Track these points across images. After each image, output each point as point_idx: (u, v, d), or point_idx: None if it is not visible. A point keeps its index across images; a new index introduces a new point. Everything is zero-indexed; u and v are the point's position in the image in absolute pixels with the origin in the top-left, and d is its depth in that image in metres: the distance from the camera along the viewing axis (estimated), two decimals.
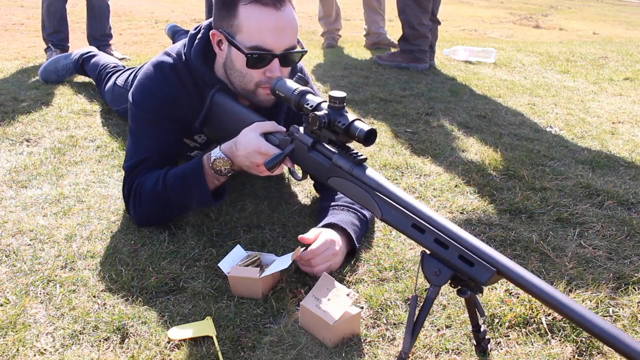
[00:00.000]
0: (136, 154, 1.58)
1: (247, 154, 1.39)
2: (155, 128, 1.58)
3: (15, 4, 6.80)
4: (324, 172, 1.25)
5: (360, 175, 1.16)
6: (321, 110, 1.20)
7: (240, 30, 1.47)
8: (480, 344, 1.16)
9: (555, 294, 0.87)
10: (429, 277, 1.00)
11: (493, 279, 0.93)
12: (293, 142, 1.33)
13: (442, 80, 3.58)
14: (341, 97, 1.17)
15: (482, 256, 0.94)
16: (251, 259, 1.39)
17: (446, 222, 1.01)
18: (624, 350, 0.79)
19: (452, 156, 2.24)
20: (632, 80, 3.96)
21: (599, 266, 1.50)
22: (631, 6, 13.17)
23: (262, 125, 1.42)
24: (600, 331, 0.81)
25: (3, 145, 2.15)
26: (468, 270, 0.95)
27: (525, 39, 6.37)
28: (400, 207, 1.08)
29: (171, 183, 1.49)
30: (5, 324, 1.19)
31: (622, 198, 1.90)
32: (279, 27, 1.45)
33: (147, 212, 1.56)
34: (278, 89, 1.33)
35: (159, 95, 1.57)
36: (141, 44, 4.78)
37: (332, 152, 1.23)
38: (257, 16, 1.44)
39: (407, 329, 0.98)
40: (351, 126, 1.14)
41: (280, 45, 1.47)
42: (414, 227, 1.04)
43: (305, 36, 5.70)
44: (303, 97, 1.27)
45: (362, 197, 1.15)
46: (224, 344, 1.16)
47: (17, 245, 1.49)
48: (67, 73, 3.00)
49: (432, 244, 1.01)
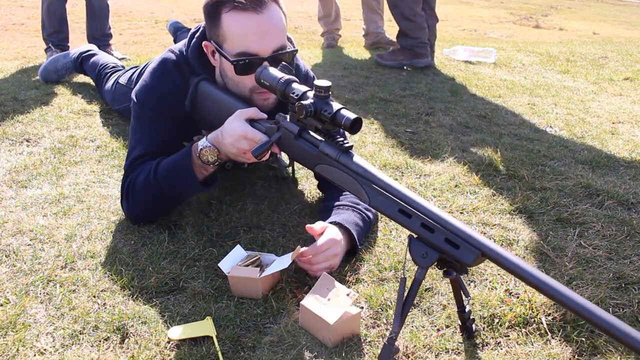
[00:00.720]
0: (136, 151, 1.59)
1: (234, 141, 1.39)
2: (156, 125, 1.59)
3: (15, 4, 6.80)
4: (311, 159, 1.27)
5: (347, 162, 1.18)
6: (307, 99, 1.21)
7: (225, 38, 1.48)
8: (465, 323, 1.20)
9: (538, 274, 0.89)
10: (417, 260, 1.03)
11: (477, 260, 0.97)
12: (279, 130, 1.33)
13: (442, 80, 3.58)
14: (326, 86, 1.19)
15: (467, 239, 0.98)
16: (251, 259, 1.39)
17: (432, 207, 1.04)
18: (611, 332, 0.81)
19: (452, 156, 2.24)
20: (632, 80, 3.96)
21: (599, 266, 1.50)
22: (631, 6, 13.17)
23: (245, 112, 1.42)
24: (580, 309, 0.84)
25: (3, 145, 2.15)
26: (454, 252, 0.99)
27: (525, 39, 6.37)
28: (387, 193, 1.11)
29: (162, 172, 1.50)
30: (5, 324, 1.19)
31: (622, 198, 1.90)
32: (262, 30, 1.45)
33: (139, 204, 1.56)
34: (263, 78, 1.34)
35: (161, 92, 1.58)
36: (141, 44, 4.78)
37: (319, 140, 1.25)
38: (238, 22, 1.45)
39: (397, 310, 1.01)
40: (337, 114, 1.17)
41: (267, 48, 1.47)
42: (400, 212, 1.08)
43: (305, 36, 5.70)
44: (289, 85, 1.28)
45: (349, 183, 1.18)
46: (224, 344, 1.16)
47: (17, 245, 1.49)
48: (66, 72, 3.00)
49: (419, 228, 1.04)
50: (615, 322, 0.81)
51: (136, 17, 6.48)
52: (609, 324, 0.81)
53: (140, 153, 1.57)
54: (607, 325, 0.81)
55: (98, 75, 2.72)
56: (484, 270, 1.45)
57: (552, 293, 0.87)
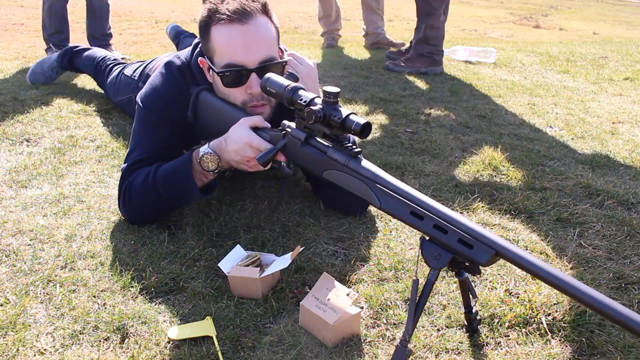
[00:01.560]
0: (135, 154, 1.59)
1: (239, 149, 1.39)
2: (158, 130, 1.60)
3: (15, 4, 6.80)
4: (318, 165, 1.26)
5: (356, 167, 1.18)
6: (315, 105, 1.21)
7: (214, 52, 1.49)
8: (472, 324, 1.20)
9: (554, 271, 0.89)
10: (429, 261, 1.03)
11: (492, 259, 0.97)
12: (285, 137, 1.34)
13: (442, 80, 3.58)
14: (335, 92, 1.19)
15: (481, 238, 0.97)
16: (251, 259, 1.39)
17: (443, 208, 1.04)
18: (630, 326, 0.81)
19: (452, 156, 2.24)
20: (632, 80, 3.96)
21: (599, 266, 1.50)
22: (631, 6, 13.17)
23: (250, 119, 1.42)
24: (601, 306, 0.83)
25: (3, 145, 2.15)
26: (467, 252, 0.99)
27: (525, 39, 6.37)
28: (398, 196, 1.10)
29: (161, 177, 1.50)
30: (5, 324, 1.19)
31: (622, 198, 1.90)
32: (248, 41, 1.45)
33: (137, 207, 1.56)
34: (269, 86, 1.34)
35: (165, 97, 1.59)
36: (141, 44, 4.78)
37: (327, 146, 1.25)
38: (224, 34, 1.46)
39: (409, 312, 1.01)
40: (347, 120, 1.17)
41: (253, 59, 1.47)
42: (412, 215, 1.07)
43: (305, 36, 5.70)
44: (296, 93, 1.28)
45: (359, 188, 1.18)
46: (224, 344, 1.16)
47: (17, 245, 1.49)
48: (53, 72, 2.95)
49: (432, 229, 1.04)
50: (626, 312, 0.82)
51: (136, 17, 6.48)
52: (625, 317, 0.82)
53: (139, 157, 1.57)
54: (623, 318, 0.82)
55: (98, 68, 2.68)
56: (484, 270, 1.45)
57: (570, 290, 0.87)
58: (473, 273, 1.04)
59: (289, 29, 6.19)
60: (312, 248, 1.54)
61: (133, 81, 2.30)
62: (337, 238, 1.60)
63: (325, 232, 1.63)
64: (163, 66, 1.65)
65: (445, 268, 1.04)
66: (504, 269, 1.46)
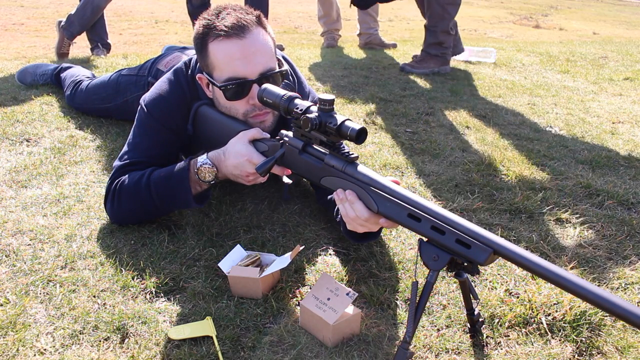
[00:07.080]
0: (130, 155, 1.59)
1: (238, 164, 1.41)
2: (156, 136, 1.60)
3: (15, 4, 6.80)
4: (316, 172, 1.28)
5: (353, 172, 1.20)
6: (311, 113, 1.22)
7: (214, 67, 1.51)
8: (474, 325, 1.20)
9: (553, 268, 0.89)
10: (428, 263, 1.04)
11: (490, 258, 0.97)
12: (283, 146, 1.35)
13: (442, 80, 3.58)
14: (330, 99, 1.20)
15: (478, 238, 0.98)
16: (251, 259, 1.39)
17: (440, 209, 1.05)
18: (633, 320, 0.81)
19: (452, 156, 2.24)
20: (632, 80, 3.96)
21: (599, 266, 1.50)
22: (631, 6, 13.17)
23: (248, 133, 1.44)
24: (602, 300, 0.84)
25: (3, 145, 2.15)
26: (465, 252, 0.99)
27: (525, 39, 6.37)
28: (395, 199, 1.11)
29: (155, 182, 1.50)
30: (5, 324, 1.19)
31: (622, 198, 1.90)
32: (247, 53, 1.47)
33: (124, 208, 1.56)
34: (265, 96, 1.35)
35: (169, 104, 1.60)
36: (141, 44, 4.78)
37: (324, 153, 1.27)
38: (223, 49, 1.47)
39: (410, 314, 1.02)
40: (342, 126, 1.17)
41: (253, 71, 1.48)
42: (410, 217, 1.08)
43: (305, 36, 5.70)
44: (292, 102, 1.29)
45: (356, 192, 1.20)
46: (224, 344, 1.16)
47: (17, 245, 1.49)
48: (41, 79, 2.96)
49: (429, 231, 1.05)
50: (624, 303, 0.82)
51: (136, 17, 6.48)
52: (624, 309, 0.82)
53: (134, 160, 1.58)
54: (624, 312, 0.82)
55: (70, 84, 2.65)
56: (484, 270, 1.45)
57: (570, 286, 0.87)
58: (472, 273, 1.04)
59: (289, 29, 6.19)
60: (312, 248, 1.54)
61: (142, 78, 2.27)
62: (337, 238, 1.60)
63: (325, 232, 1.63)
64: (172, 72, 1.66)
65: (444, 269, 1.04)
66: (504, 269, 1.46)
